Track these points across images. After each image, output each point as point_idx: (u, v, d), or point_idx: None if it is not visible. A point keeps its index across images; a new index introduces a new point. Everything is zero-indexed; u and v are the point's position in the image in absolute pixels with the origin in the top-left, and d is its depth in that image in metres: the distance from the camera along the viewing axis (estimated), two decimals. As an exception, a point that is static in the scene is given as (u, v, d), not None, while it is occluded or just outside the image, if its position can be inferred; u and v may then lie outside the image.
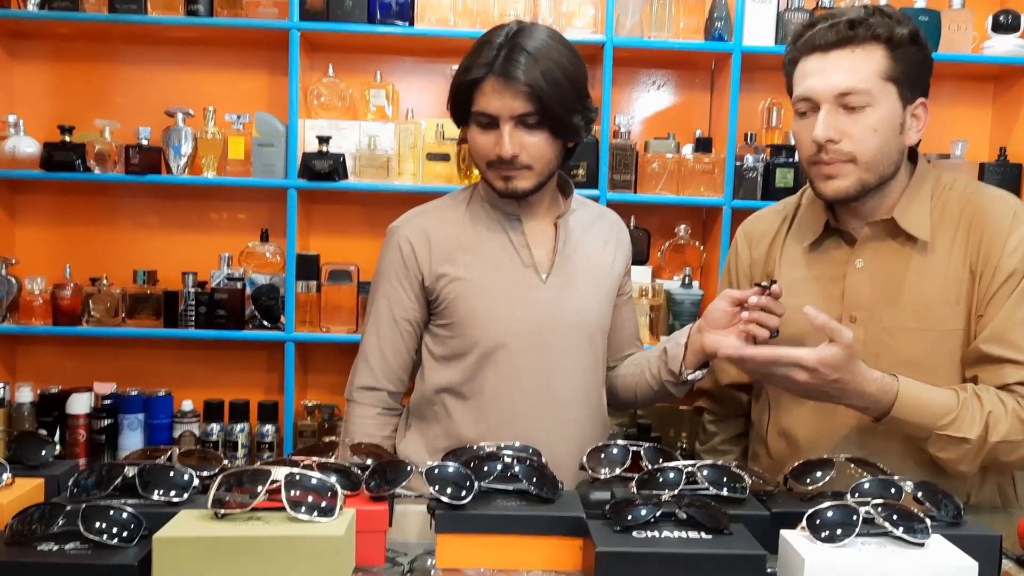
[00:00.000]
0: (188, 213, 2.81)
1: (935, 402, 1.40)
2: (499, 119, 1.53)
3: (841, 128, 1.43)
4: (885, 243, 1.53)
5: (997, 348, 1.44)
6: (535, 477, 1.11)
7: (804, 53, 1.47)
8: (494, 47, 1.53)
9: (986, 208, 1.50)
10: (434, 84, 2.81)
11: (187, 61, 2.78)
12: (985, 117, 2.85)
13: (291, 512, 0.95)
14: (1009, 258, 1.46)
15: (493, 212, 1.66)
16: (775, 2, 2.57)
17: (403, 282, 1.66)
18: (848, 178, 1.46)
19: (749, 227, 1.73)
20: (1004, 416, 1.40)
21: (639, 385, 1.71)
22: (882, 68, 1.43)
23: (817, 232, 1.58)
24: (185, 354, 2.79)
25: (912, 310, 1.51)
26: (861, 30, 1.42)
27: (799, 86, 1.48)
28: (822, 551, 0.95)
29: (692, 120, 2.84)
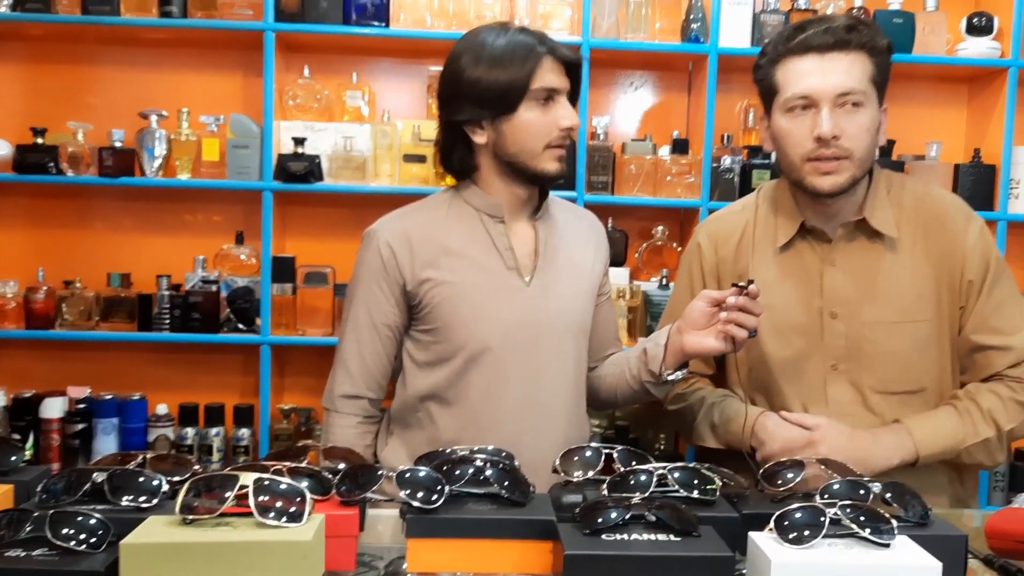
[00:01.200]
0: (162, 215, 2.79)
1: (946, 426, 1.57)
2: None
3: (841, 126, 1.53)
4: (857, 241, 1.62)
5: (983, 336, 1.60)
6: (507, 481, 1.11)
7: (798, 53, 1.55)
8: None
9: (940, 207, 1.64)
10: (411, 85, 2.80)
11: (161, 62, 2.76)
12: (960, 118, 2.87)
13: (259, 517, 0.95)
14: (972, 251, 1.60)
15: (475, 214, 1.65)
16: (751, 4, 2.58)
17: (383, 287, 1.63)
18: (844, 173, 1.55)
19: (713, 228, 1.77)
20: (1003, 407, 1.58)
21: (619, 385, 1.71)
22: (870, 72, 1.55)
23: (791, 233, 1.64)
24: (160, 357, 2.77)
25: (889, 304, 1.60)
26: (854, 36, 1.53)
27: (796, 85, 1.55)
28: (789, 552, 0.95)
29: (669, 122, 2.85)
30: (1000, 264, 1.64)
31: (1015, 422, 1.59)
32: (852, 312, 1.61)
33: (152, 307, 2.56)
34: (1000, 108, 2.64)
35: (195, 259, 2.63)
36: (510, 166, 1.60)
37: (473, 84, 1.55)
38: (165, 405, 2.60)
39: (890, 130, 2.70)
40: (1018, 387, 1.60)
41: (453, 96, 1.59)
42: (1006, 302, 1.62)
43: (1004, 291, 1.63)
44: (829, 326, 1.62)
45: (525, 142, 1.57)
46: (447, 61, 1.61)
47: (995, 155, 2.64)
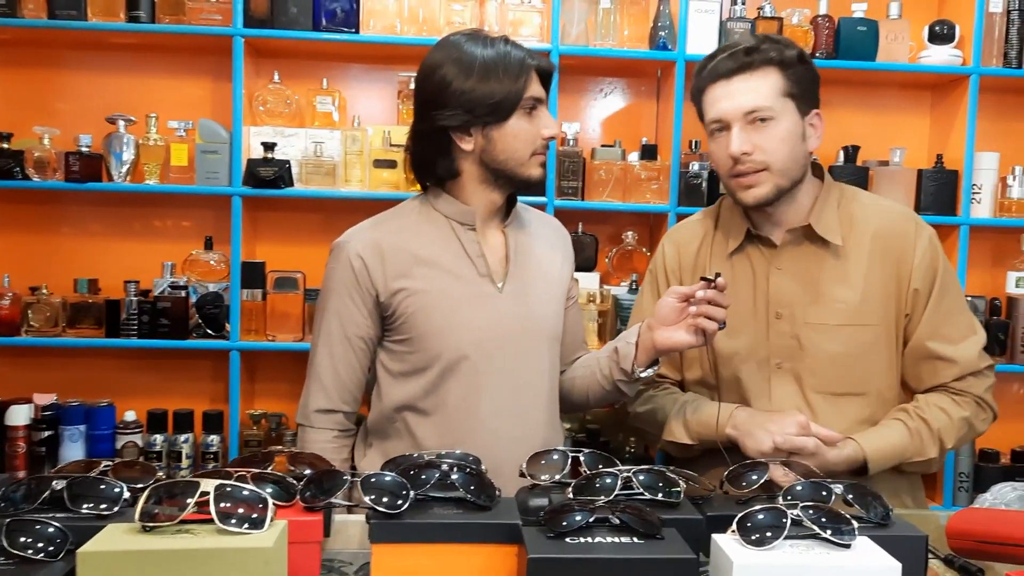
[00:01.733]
0: (131, 221, 2.76)
1: (896, 444, 1.65)
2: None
3: (752, 141, 1.62)
4: (802, 247, 1.70)
5: (936, 344, 1.68)
6: (472, 485, 1.11)
7: (709, 82, 1.66)
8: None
9: (891, 218, 1.71)
10: (381, 91, 2.80)
11: (129, 67, 2.74)
12: (923, 125, 2.91)
13: (220, 524, 0.94)
14: (921, 261, 1.67)
15: (445, 222, 1.65)
16: (718, 12, 2.60)
17: (355, 299, 1.63)
18: (765, 185, 1.64)
19: (676, 234, 1.87)
20: (951, 426, 1.67)
21: (591, 387, 1.73)
22: (779, 86, 1.62)
23: (739, 239, 1.73)
24: (128, 364, 2.74)
25: (831, 308, 1.68)
26: (756, 56, 1.62)
27: (710, 111, 1.67)
28: (750, 554, 0.96)
29: (638, 128, 2.86)
30: (949, 275, 1.70)
31: (957, 439, 1.68)
32: (795, 313, 1.68)
33: (120, 313, 2.54)
34: (962, 115, 2.68)
35: (163, 265, 2.61)
36: (496, 172, 1.62)
37: (466, 93, 1.56)
38: (133, 412, 2.58)
39: (855, 135, 2.77)
40: (963, 402, 1.69)
41: (441, 104, 1.59)
42: (953, 311, 1.70)
43: (952, 300, 1.70)
44: (774, 326, 1.69)
45: (515, 150, 1.60)
46: (428, 70, 1.61)
47: (957, 161, 2.68)
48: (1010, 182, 2.72)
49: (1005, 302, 2.76)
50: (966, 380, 1.68)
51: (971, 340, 1.69)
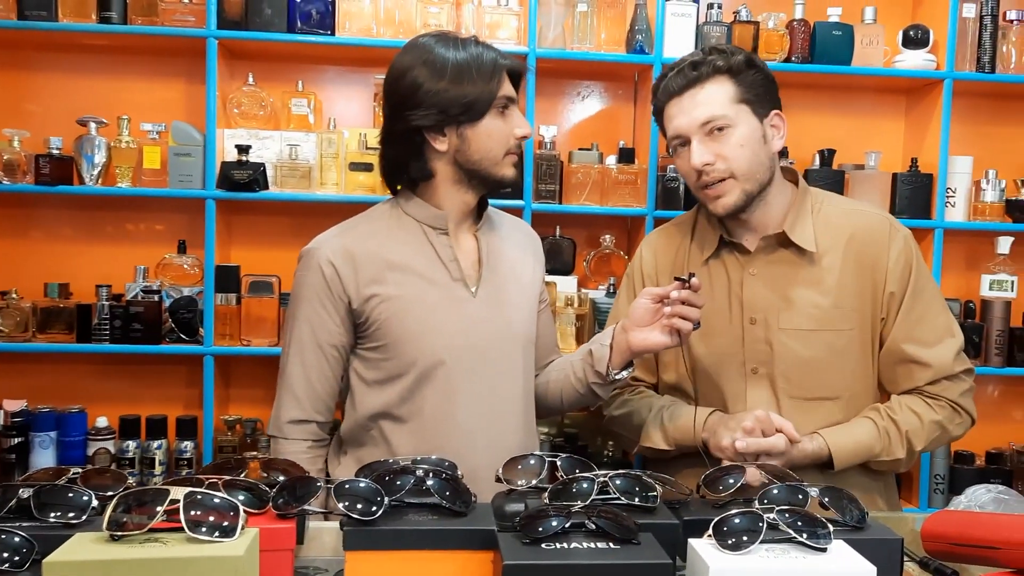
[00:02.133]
0: (102, 224, 2.73)
1: (862, 441, 1.66)
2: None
3: (713, 151, 1.63)
4: (776, 253, 1.71)
5: (911, 347, 1.69)
6: (448, 490, 1.10)
7: (664, 100, 1.69)
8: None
9: (866, 222, 1.72)
10: (357, 93, 2.79)
11: (100, 69, 2.70)
12: (898, 129, 2.93)
13: (190, 532, 0.93)
14: (895, 264, 1.68)
15: (417, 226, 1.63)
16: (694, 16, 2.61)
17: (327, 306, 1.61)
18: (732, 193, 1.65)
19: (654, 239, 1.89)
20: (921, 428, 1.67)
21: (565, 390, 1.72)
22: (731, 94, 1.64)
23: (713, 246, 1.75)
24: (100, 369, 2.71)
25: (804, 314, 1.69)
26: (703, 68, 1.64)
27: (669, 128, 1.69)
28: (726, 559, 0.96)
29: (616, 131, 2.87)
30: (924, 277, 1.71)
31: (927, 442, 1.69)
32: (769, 319, 1.69)
33: (92, 318, 2.50)
34: (936, 119, 2.70)
35: (136, 269, 2.58)
36: (470, 173, 1.61)
37: (439, 93, 1.55)
38: (105, 418, 2.54)
39: (830, 139, 2.79)
40: (936, 405, 1.70)
41: (414, 104, 1.57)
42: (928, 313, 1.70)
43: (928, 302, 1.70)
44: (749, 331, 1.70)
45: (489, 149, 1.59)
46: (399, 72, 1.59)
47: (932, 164, 2.70)
48: (983, 186, 2.75)
49: (979, 305, 2.78)
50: (940, 384, 1.69)
51: (947, 343, 1.70)
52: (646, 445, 1.74)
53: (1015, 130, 2.96)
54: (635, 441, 1.77)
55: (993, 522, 1.11)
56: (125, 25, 2.48)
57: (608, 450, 2.70)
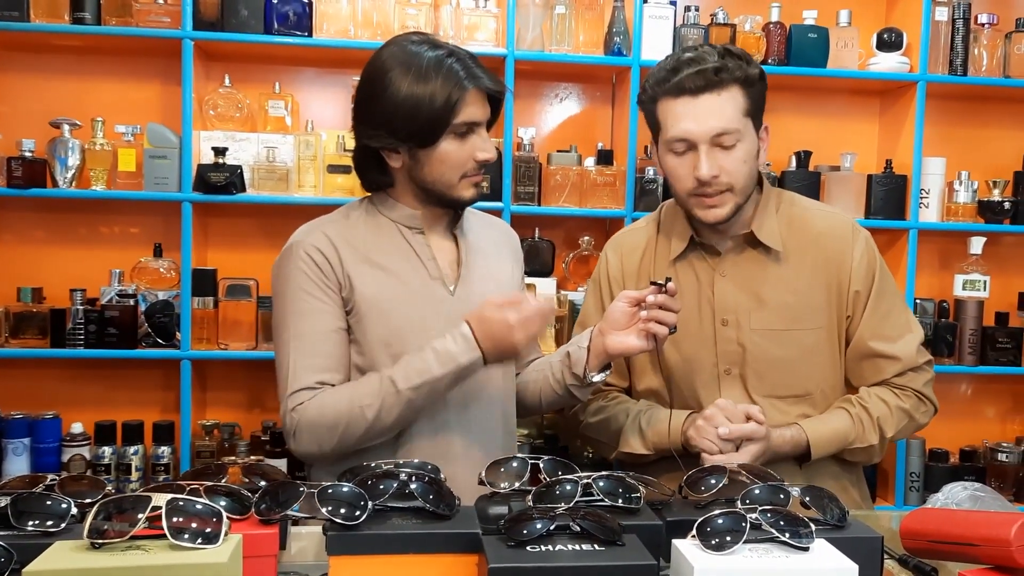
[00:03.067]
0: (76, 227, 2.69)
1: (838, 431, 1.68)
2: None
3: (719, 164, 1.61)
4: (744, 253, 1.72)
5: (877, 343, 1.71)
6: (431, 494, 1.10)
7: (672, 95, 1.61)
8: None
9: (828, 223, 1.74)
10: (335, 95, 2.77)
11: (74, 70, 2.67)
12: (872, 130, 2.97)
13: (172, 540, 0.92)
14: (859, 264, 1.70)
15: (393, 226, 1.62)
16: (672, 18, 2.62)
17: (324, 291, 1.55)
18: (727, 206, 1.64)
19: (619, 240, 1.88)
20: (890, 415, 1.70)
21: (543, 391, 1.72)
22: (743, 107, 1.62)
23: (682, 245, 1.74)
24: (74, 374, 2.67)
25: (775, 313, 1.70)
26: (724, 75, 1.59)
27: (674, 127, 1.62)
28: (710, 559, 0.96)
29: (594, 133, 2.87)
30: (885, 275, 1.74)
31: (896, 429, 1.72)
32: (741, 320, 1.70)
33: (66, 322, 2.47)
34: (910, 120, 2.73)
35: (111, 272, 2.55)
36: (425, 191, 1.59)
37: (392, 111, 1.51)
38: (80, 424, 2.52)
39: (806, 141, 2.81)
40: (902, 395, 1.72)
41: (369, 118, 1.55)
42: (892, 310, 1.73)
43: (890, 300, 1.73)
44: (720, 332, 1.71)
45: (442, 173, 1.55)
46: (365, 76, 1.57)
47: (906, 166, 2.74)
48: (956, 187, 2.79)
49: (952, 304, 2.82)
50: (906, 375, 1.72)
51: (909, 337, 1.73)
52: (624, 451, 1.74)
53: (987, 132, 3.00)
54: (613, 447, 1.77)
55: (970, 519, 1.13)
56: (99, 26, 2.46)
57: (588, 451, 2.70)
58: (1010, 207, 2.77)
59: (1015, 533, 1.03)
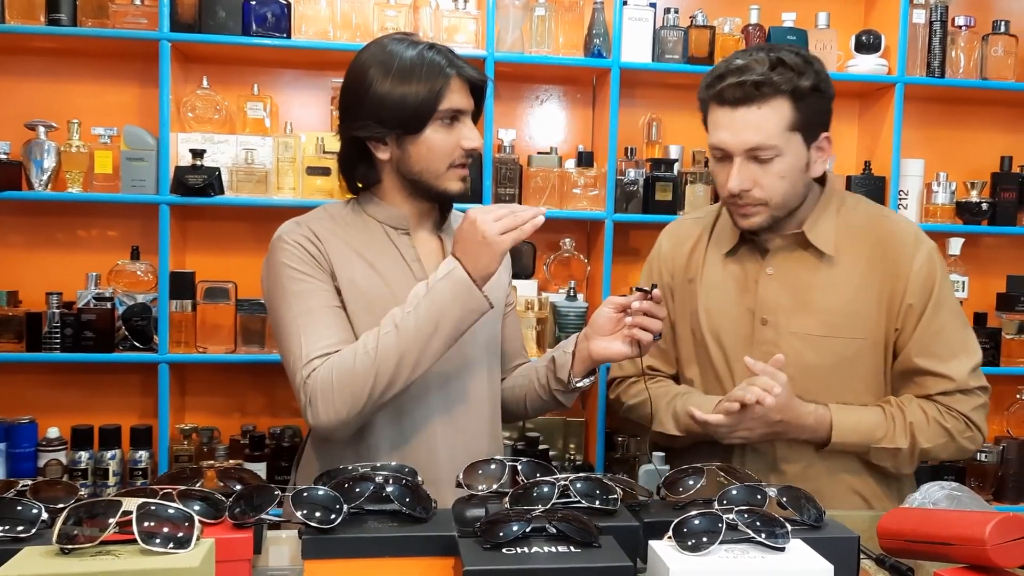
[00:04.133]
0: (52, 231, 2.67)
1: (867, 422, 1.62)
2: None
3: (753, 178, 1.58)
4: (795, 254, 1.68)
5: (923, 360, 1.64)
6: (408, 497, 1.09)
7: (715, 104, 1.60)
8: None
9: (891, 230, 1.67)
10: (314, 97, 2.76)
11: (49, 72, 2.65)
12: (852, 133, 2.98)
13: (143, 544, 0.91)
14: (917, 275, 1.63)
15: (379, 227, 1.61)
16: (652, 20, 2.63)
17: (317, 274, 1.53)
18: (761, 216, 1.62)
19: (674, 229, 1.87)
20: (926, 425, 1.63)
21: (528, 395, 1.72)
22: (787, 121, 1.56)
23: (733, 242, 1.72)
24: (51, 379, 2.65)
25: (818, 318, 1.65)
26: (767, 89, 1.54)
27: (712, 135, 1.62)
28: (687, 560, 0.96)
29: (574, 135, 2.88)
30: (945, 291, 1.66)
31: (932, 443, 1.63)
32: (781, 321, 1.66)
33: (42, 326, 2.44)
34: (888, 122, 2.75)
35: (88, 276, 2.52)
36: (413, 184, 1.58)
37: (378, 102, 1.52)
38: (56, 428, 2.49)
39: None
40: (945, 412, 1.64)
41: (356, 111, 1.55)
42: (946, 328, 1.64)
43: (946, 317, 1.65)
44: (759, 331, 1.68)
45: (429, 162, 1.55)
46: (349, 73, 1.57)
47: (885, 167, 2.75)
48: (935, 188, 2.81)
49: (931, 305, 2.83)
50: (954, 396, 1.64)
51: (962, 359, 1.64)
52: (657, 430, 1.73)
53: (964, 133, 3.02)
54: (647, 428, 1.76)
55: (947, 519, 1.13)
56: (75, 27, 2.44)
57: (570, 453, 2.70)
58: (987, 208, 2.79)
59: (990, 532, 1.03)
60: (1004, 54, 2.77)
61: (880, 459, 1.65)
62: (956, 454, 1.69)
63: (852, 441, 1.62)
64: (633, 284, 2.78)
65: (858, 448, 1.64)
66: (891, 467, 1.66)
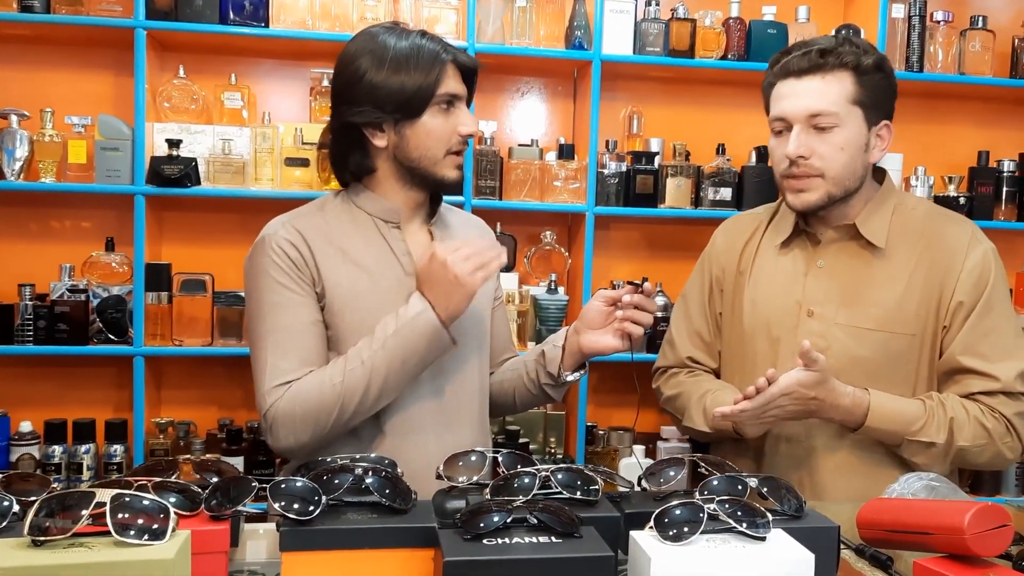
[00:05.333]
0: (24, 221, 2.63)
1: (905, 411, 1.58)
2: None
3: (811, 146, 1.59)
4: (846, 246, 1.67)
5: (968, 358, 1.61)
6: (387, 488, 1.08)
7: (780, 78, 1.63)
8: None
9: (946, 228, 1.67)
10: (293, 87, 2.73)
11: (22, 60, 2.61)
12: (830, 127, 2.99)
13: (117, 536, 0.89)
14: (969, 274, 1.62)
15: (369, 220, 1.59)
16: (632, 12, 2.62)
17: (298, 284, 1.52)
18: (816, 192, 1.61)
19: (730, 225, 1.88)
20: (967, 422, 1.58)
21: (517, 389, 1.72)
22: (849, 93, 1.58)
23: (787, 233, 1.72)
24: (23, 372, 2.61)
25: (865, 312, 1.64)
26: (831, 58, 1.57)
27: (774, 107, 1.63)
28: (668, 550, 0.96)
29: (555, 127, 2.87)
30: (999, 293, 1.63)
31: (971, 442, 1.58)
32: (827, 313, 1.65)
33: (14, 318, 2.41)
34: (867, 117, 2.75)
35: (61, 267, 2.49)
36: (410, 171, 1.57)
37: (376, 87, 1.50)
38: (29, 422, 2.46)
39: (766, 137, 2.77)
40: (987, 412, 1.59)
41: (352, 98, 1.53)
42: (996, 330, 1.62)
43: (997, 319, 1.62)
44: (804, 323, 1.66)
45: (427, 148, 1.54)
46: (343, 61, 1.55)
47: (863, 162, 2.76)
48: (913, 182, 2.82)
49: (908, 298, 2.85)
50: (997, 398, 1.59)
51: (1010, 363, 1.60)
52: (687, 425, 1.73)
53: (943, 128, 3.04)
54: (682, 420, 1.76)
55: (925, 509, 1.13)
56: (48, 14, 2.40)
57: (550, 446, 2.70)
58: (965, 202, 2.81)
59: (968, 522, 1.03)
60: (982, 49, 2.79)
61: (912, 453, 1.59)
62: (993, 459, 1.62)
63: (886, 428, 1.58)
64: (614, 278, 2.80)
65: (891, 437, 1.59)
66: (923, 464, 1.59)
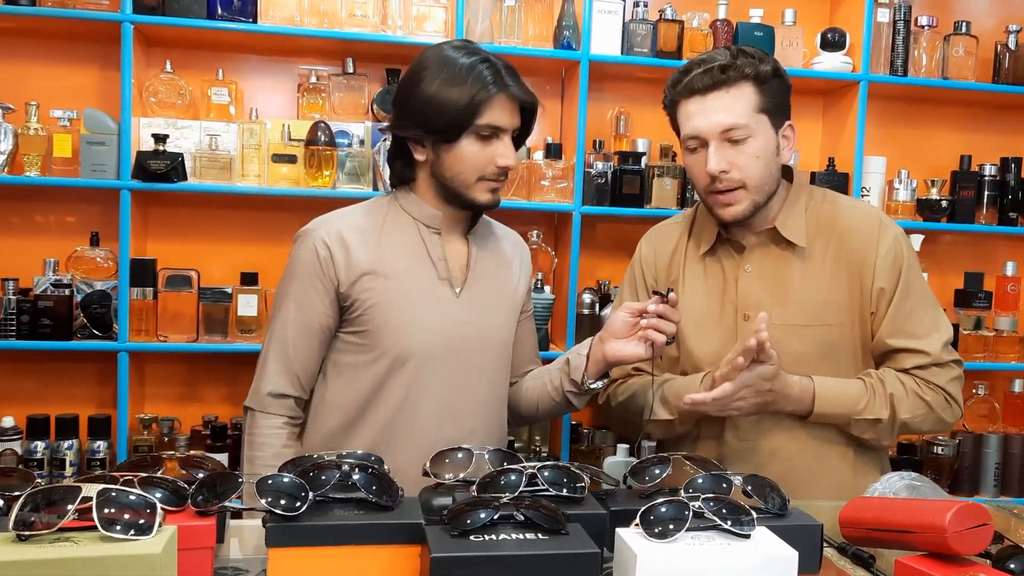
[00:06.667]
0: (8, 215, 2.61)
1: (847, 392, 1.66)
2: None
3: (729, 159, 1.63)
4: (769, 250, 1.72)
5: (896, 340, 1.68)
6: (374, 485, 1.08)
7: (684, 96, 1.66)
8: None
9: (856, 218, 1.72)
10: (281, 83, 2.72)
11: (7, 53, 2.58)
12: (816, 129, 3.01)
13: (103, 531, 0.89)
14: (884, 260, 1.68)
15: (412, 222, 1.66)
16: (621, 12, 2.63)
17: (317, 286, 1.62)
18: (743, 203, 1.66)
19: (653, 235, 1.91)
20: (905, 396, 1.67)
21: (541, 398, 1.76)
22: (754, 103, 1.63)
23: (710, 242, 1.76)
24: (6, 367, 2.59)
25: (798, 309, 1.70)
26: (732, 72, 1.62)
27: (686, 126, 1.67)
28: (654, 547, 0.96)
29: (543, 127, 2.87)
30: (913, 273, 1.71)
31: (911, 414, 1.67)
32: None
33: (-3, 313, 2.39)
34: (852, 119, 2.78)
35: (45, 262, 2.47)
36: (444, 188, 1.63)
37: (423, 103, 1.58)
38: (11, 418, 2.44)
39: None
40: (923, 384, 1.68)
41: (403, 110, 1.62)
42: (918, 307, 1.70)
43: (917, 298, 1.70)
44: (742, 327, 1.71)
45: (459, 172, 1.60)
46: (408, 69, 1.63)
47: (848, 164, 2.78)
48: (896, 185, 2.85)
49: (891, 300, 2.87)
50: (930, 370, 1.68)
51: (935, 336, 1.69)
52: (653, 420, 1.74)
53: (926, 131, 3.07)
54: (639, 421, 1.76)
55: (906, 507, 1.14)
56: (34, 7, 2.38)
57: (536, 445, 2.70)
58: (947, 206, 2.83)
59: (950, 520, 1.05)
60: (965, 55, 2.82)
61: (861, 431, 1.68)
62: (935, 427, 1.72)
63: (834, 411, 1.66)
64: (600, 278, 2.81)
65: (840, 419, 1.67)
66: (872, 439, 1.69)
